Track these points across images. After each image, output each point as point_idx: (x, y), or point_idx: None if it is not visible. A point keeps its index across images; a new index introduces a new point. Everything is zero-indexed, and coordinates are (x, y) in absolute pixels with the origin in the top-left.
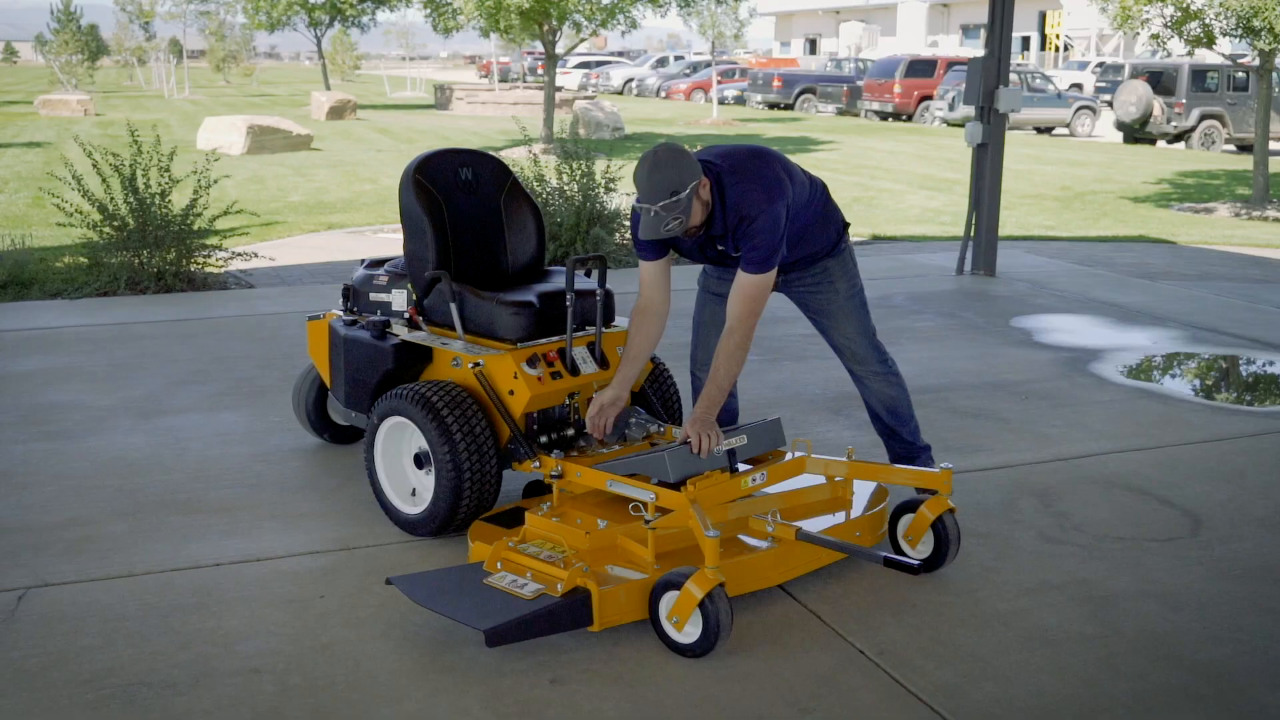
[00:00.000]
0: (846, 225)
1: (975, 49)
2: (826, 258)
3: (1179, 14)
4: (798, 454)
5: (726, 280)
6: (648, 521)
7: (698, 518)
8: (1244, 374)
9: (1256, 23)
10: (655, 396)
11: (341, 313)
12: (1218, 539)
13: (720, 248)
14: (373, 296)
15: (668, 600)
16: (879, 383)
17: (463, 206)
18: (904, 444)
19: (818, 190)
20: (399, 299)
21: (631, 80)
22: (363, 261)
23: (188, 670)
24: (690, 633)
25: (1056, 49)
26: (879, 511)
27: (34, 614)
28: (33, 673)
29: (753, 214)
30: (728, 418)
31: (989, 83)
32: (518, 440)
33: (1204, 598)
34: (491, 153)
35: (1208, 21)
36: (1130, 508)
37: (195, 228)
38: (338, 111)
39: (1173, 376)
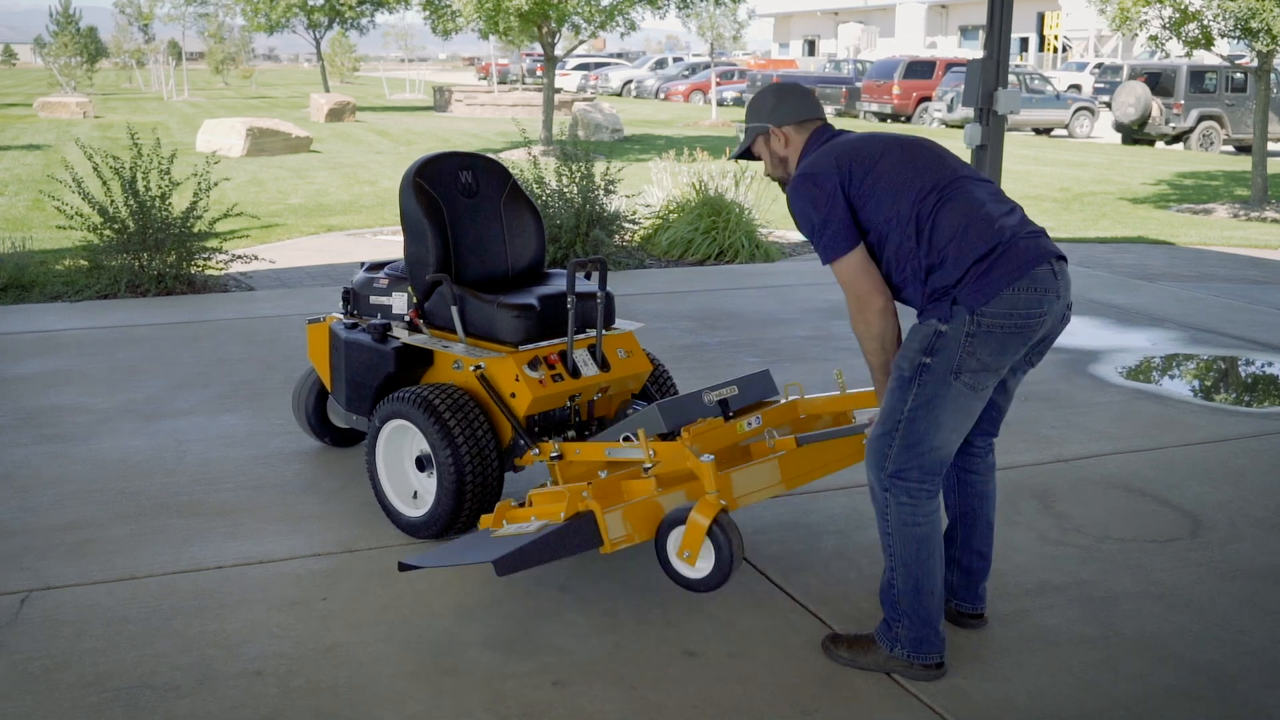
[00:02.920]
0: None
1: (974, 50)
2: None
3: (1177, 15)
4: (791, 398)
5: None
6: (646, 469)
7: (690, 450)
8: (1243, 375)
9: (1254, 24)
10: (658, 396)
11: (341, 316)
12: (1217, 540)
13: None
14: (373, 300)
15: (675, 537)
16: (994, 458)
17: (463, 210)
18: (986, 571)
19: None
20: (399, 302)
21: (630, 82)
22: (363, 264)
23: (190, 673)
24: (703, 566)
25: (1055, 50)
26: None
27: (36, 617)
28: (35, 675)
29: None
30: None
31: (988, 84)
32: (519, 434)
33: (1204, 599)
34: (490, 155)
35: (1206, 23)
36: (1130, 509)
37: (195, 230)
38: (337, 113)
39: (1172, 377)
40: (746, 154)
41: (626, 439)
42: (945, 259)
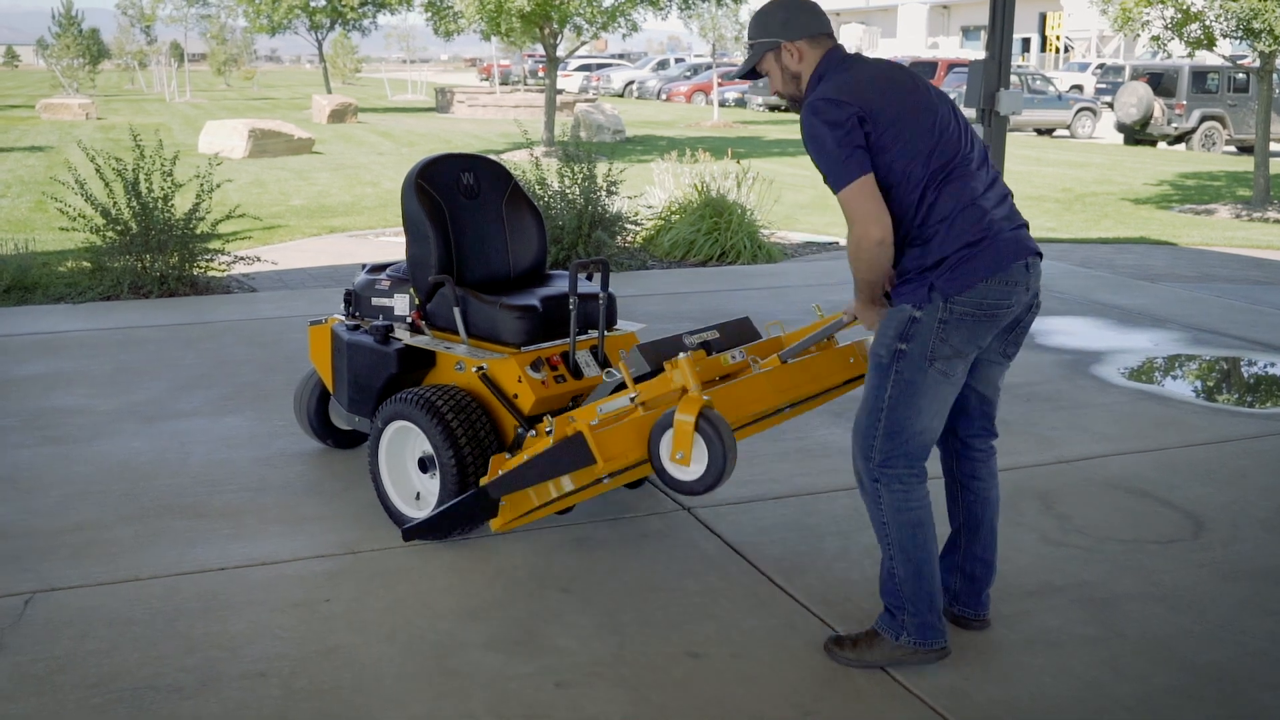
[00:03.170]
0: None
1: (976, 50)
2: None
3: (1179, 16)
4: (773, 335)
5: None
6: (631, 398)
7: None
8: (1245, 376)
9: (1256, 24)
10: None
11: (343, 317)
12: (1219, 541)
13: None
14: (374, 301)
15: (665, 442)
16: (996, 463)
17: (465, 211)
18: (990, 578)
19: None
20: (401, 304)
21: (632, 83)
22: (364, 266)
23: (194, 674)
24: (697, 467)
25: (1057, 50)
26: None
27: (40, 618)
28: (39, 677)
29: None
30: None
31: (990, 85)
32: (522, 425)
33: (1206, 600)
34: (492, 156)
35: (1208, 23)
36: (1132, 510)
37: (198, 232)
38: (339, 115)
39: (1174, 378)
40: (751, 73)
41: (609, 373)
42: (933, 236)
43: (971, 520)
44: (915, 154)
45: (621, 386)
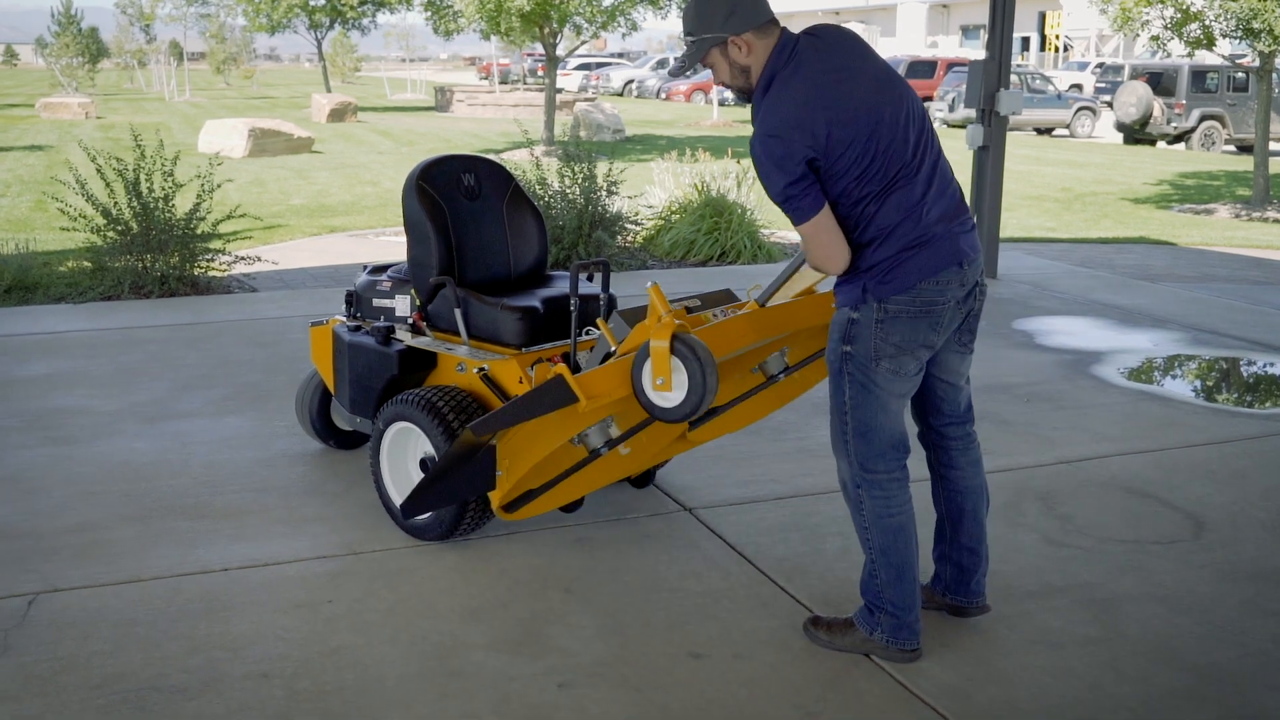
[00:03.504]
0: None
1: (975, 49)
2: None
3: (1179, 15)
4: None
5: None
6: (611, 351)
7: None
8: (1245, 376)
9: (1256, 24)
10: None
11: (344, 318)
12: (1220, 542)
13: None
14: (376, 302)
15: (646, 371)
16: (977, 451)
17: (465, 212)
18: (978, 566)
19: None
20: (402, 305)
21: (632, 82)
22: (365, 267)
23: (197, 675)
24: (678, 393)
25: (1056, 50)
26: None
27: (43, 619)
28: (43, 678)
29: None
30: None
31: (990, 85)
32: None
33: (1206, 600)
34: (492, 155)
35: (1207, 23)
36: (1133, 510)
37: (198, 231)
38: (338, 114)
39: (1174, 378)
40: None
41: (588, 332)
42: (869, 243)
43: (954, 510)
44: (862, 175)
45: (608, 358)
